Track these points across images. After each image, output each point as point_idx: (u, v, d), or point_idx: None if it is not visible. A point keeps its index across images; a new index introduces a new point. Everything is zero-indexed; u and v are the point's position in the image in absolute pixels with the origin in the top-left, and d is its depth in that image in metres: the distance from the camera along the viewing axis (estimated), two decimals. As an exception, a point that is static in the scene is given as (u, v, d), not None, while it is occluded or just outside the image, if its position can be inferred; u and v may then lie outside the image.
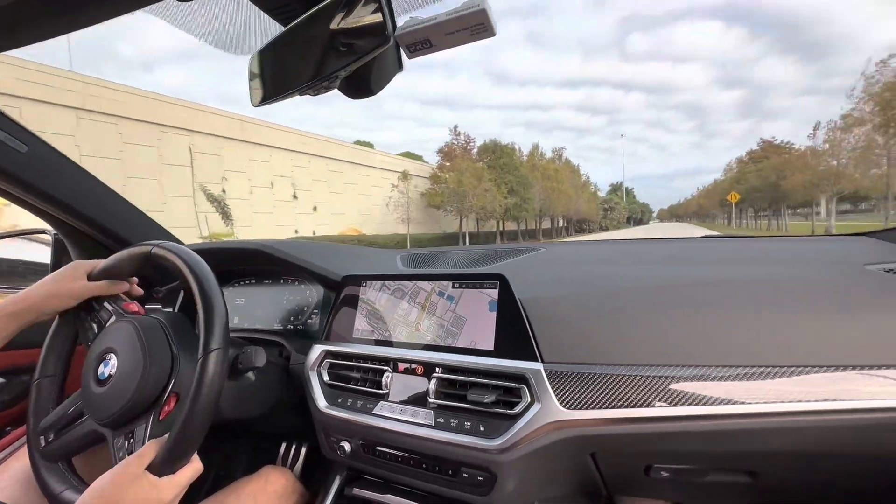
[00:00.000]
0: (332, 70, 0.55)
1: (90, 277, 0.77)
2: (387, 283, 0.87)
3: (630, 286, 0.76)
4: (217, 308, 0.64)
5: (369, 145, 35.34)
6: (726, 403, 0.59)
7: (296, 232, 19.87)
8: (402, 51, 0.56)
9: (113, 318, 0.76)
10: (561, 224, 50.19)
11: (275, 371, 0.93)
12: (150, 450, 0.60)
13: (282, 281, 1.08)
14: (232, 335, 0.80)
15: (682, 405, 0.60)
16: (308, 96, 0.63)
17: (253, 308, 1.10)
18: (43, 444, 0.72)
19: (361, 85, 0.66)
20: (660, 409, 0.61)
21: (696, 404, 0.60)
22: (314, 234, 20.44)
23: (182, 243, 0.88)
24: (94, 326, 0.78)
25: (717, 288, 0.71)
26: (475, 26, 0.52)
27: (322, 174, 22.55)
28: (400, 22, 0.53)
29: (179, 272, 0.70)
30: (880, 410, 0.56)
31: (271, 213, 19.40)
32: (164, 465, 0.59)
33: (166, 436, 0.60)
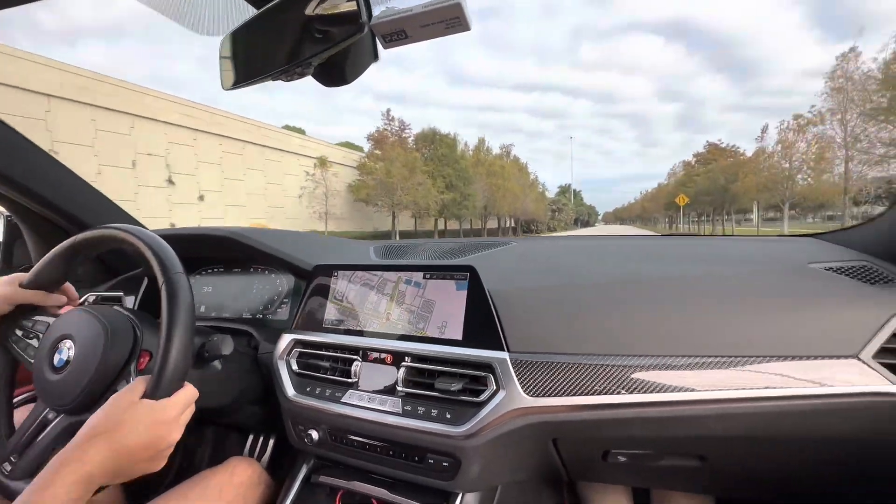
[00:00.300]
0: (306, 56, 0.55)
1: (22, 286, 0.75)
2: (358, 273, 0.87)
3: (593, 281, 0.79)
4: (182, 292, 0.64)
5: (301, 131, 30.93)
6: (678, 391, 0.63)
7: (172, 225, 14.68)
8: (377, 40, 0.56)
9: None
10: (509, 224, 47.38)
11: (242, 360, 0.92)
12: (139, 383, 0.61)
13: (251, 269, 1.07)
14: (198, 324, 0.79)
15: (639, 393, 0.64)
16: (281, 81, 0.62)
17: (220, 296, 1.08)
18: (9, 468, 0.69)
19: (335, 73, 0.66)
20: (618, 397, 0.64)
21: (651, 392, 0.63)
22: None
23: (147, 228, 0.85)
24: (34, 342, 0.75)
25: (673, 284, 0.75)
26: (450, 20, 0.52)
27: (213, 155, 17.78)
28: (376, 11, 0.53)
29: (142, 257, 0.68)
30: (814, 397, 0.60)
31: (132, 202, 14.59)
32: (156, 392, 0.59)
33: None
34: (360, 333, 0.82)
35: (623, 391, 0.64)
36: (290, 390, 0.82)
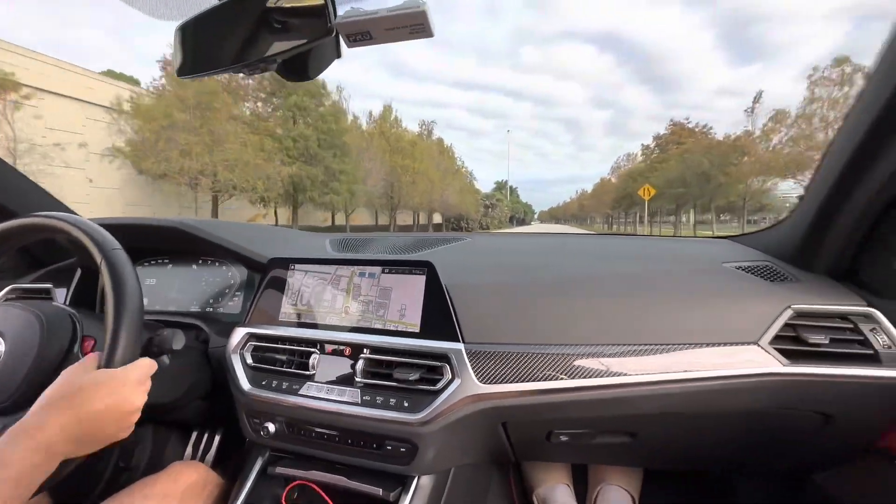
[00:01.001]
0: (271, 54, 0.55)
1: None
2: (315, 266, 0.87)
3: (539, 277, 0.85)
4: (123, 265, 0.64)
5: (135, 82, 18.17)
6: (613, 375, 0.71)
7: None
8: (341, 39, 0.58)
9: None
10: (436, 220, 38.27)
11: (191, 355, 0.89)
12: (89, 359, 0.59)
13: (199, 261, 1.03)
14: (147, 318, 0.77)
15: (578, 378, 0.71)
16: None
17: (166, 289, 1.03)
18: None
19: (299, 68, 0.67)
20: (560, 382, 0.71)
21: (589, 377, 0.70)
22: None
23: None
24: None
25: (608, 280, 0.83)
26: (414, 26, 0.55)
27: None
28: (341, 11, 0.55)
29: (76, 244, 0.66)
30: (724, 378, 0.70)
31: None
32: (111, 362, 0.59)
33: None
34: (318, 326, 0.83)
35: (565, 377, 0.71)
36: (245, 384, 0.81)
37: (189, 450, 1.14)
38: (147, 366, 0.63)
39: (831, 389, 0.70)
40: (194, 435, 1.16)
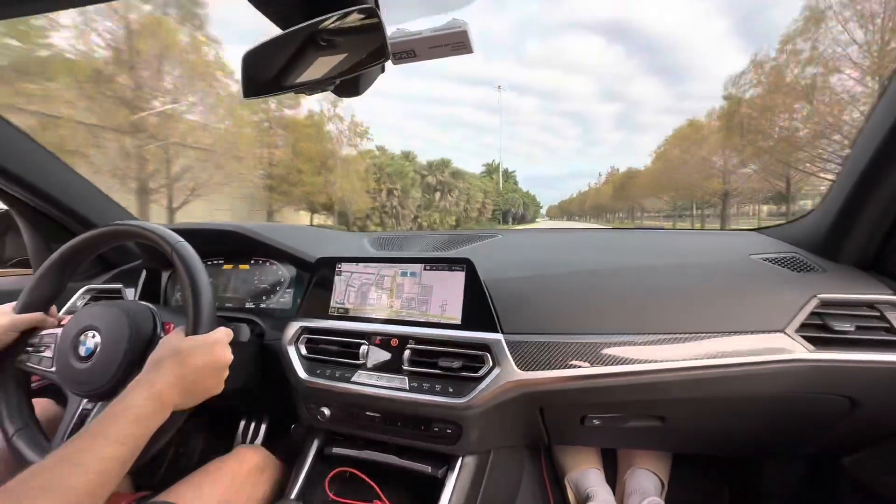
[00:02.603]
0: (332, 76, 0.62)
1: (18, 311, 0.81)
2: (360, 264, 0.95)
3: (572, 270, 0.90)
4: (189, 252, 0.75)
5: None
6: (644, 363, 0.75)
7: None
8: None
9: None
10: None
11: (251, 347, 0.98)
12: (177, 332, 0.71)
13: (252, 262, 1.12)
14: None
15: (611, 365, 0.76)
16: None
17: (223, 287, 1.13)
18: None
19: (351, 87, 0.73)
20: (594, 369, 0.76)
21: (622, 364, 0.75)
22: None
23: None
24: (46, 353, 0.81)
25: (639, 273, 0.88)
26: (456, 44, 0.61)
27: None
28: (389, 31, 0.60)
29: (145, 245, 0.76)
30: (751, 364, 0.74)
31: None
32: (197, 330, 0.71)
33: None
34: (365, 320, 0.90)
35: (598, 364, 0.76)
36: (301, 373, 0.89)
37: (238, 436, 1.24)
38: (226, 332, 0.74)
39: (858, 375, 0.73)
40: (243, 423, 1.26)
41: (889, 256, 0.79)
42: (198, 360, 0.67)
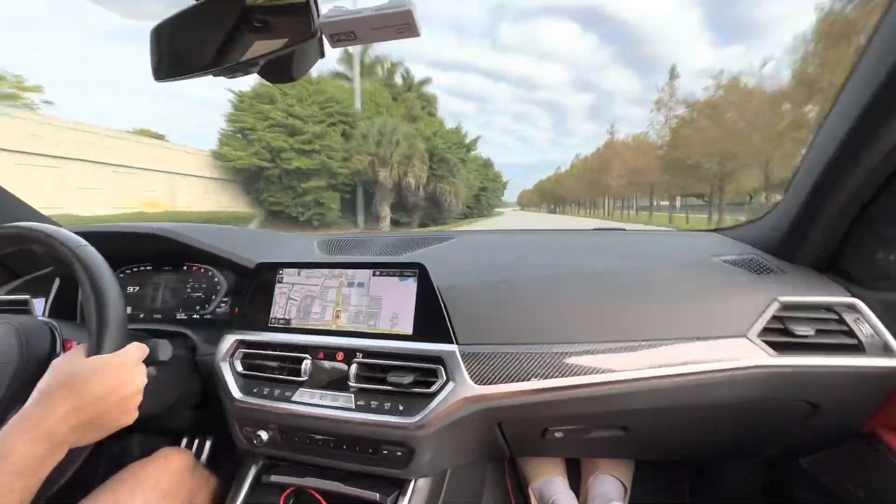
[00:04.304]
0: (251, 56, 0.53)
1: None
2: (304, 270, 0.86)
3: (531, 275, 0.85)
4: (93, 258, 0.64)
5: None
6: (604, 373, 0.71)
7: None
8: (324, 38, 0.56)
9: None
10: None
11: (179, 364, 0.87)
12: (77, 350, 0.59)
13: (184, 267, 1.01)
14: (130, 327, 0.75)
15: (571, 376, 0.71)
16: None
17: (150, 297, 1.01)
18: None
19: (281, 70, 0.64)
20: (554, 381, 0.71)
21: (582, 374, 0.71)
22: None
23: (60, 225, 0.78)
24: None
25: (599, 277, 0.84)
26: (401, 25, 0.53)
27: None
28: (324, 10, 0.53)
29: (51, 253, 0.65)
30: (714, 371, 0.71)
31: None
32: (101, 350, 0.59)
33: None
34: (308, 332, 0.82)
35: (557, 375, 0.71)
36: (236, 392, 0.80)
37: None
38: (139, 350, 0.63)
39: (818, 379, 0.71)
40: (184, 442, 1.15)
41: (845, 258, 0.78)
42: (98, 386, 0.54)
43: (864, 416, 0.76)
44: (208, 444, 1.09)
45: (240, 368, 0.83)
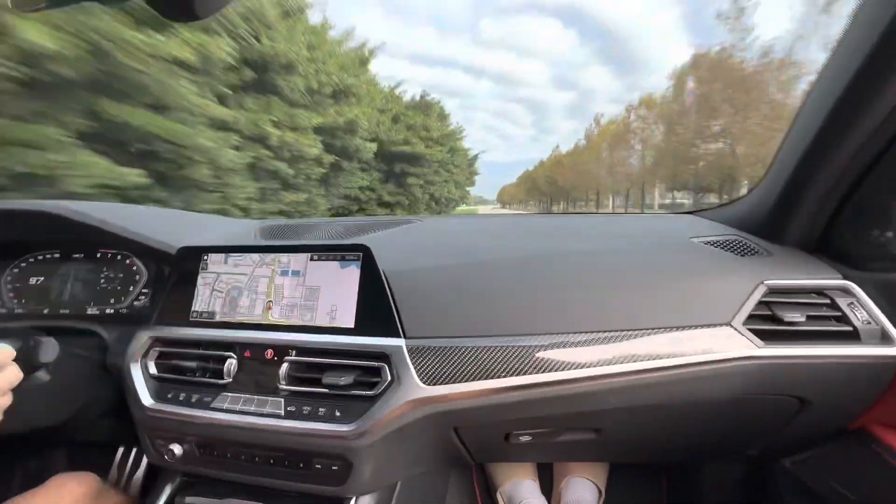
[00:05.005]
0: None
1: None
2: (234, 256, 0.74)
3: (494, 258, 0.75)
4: None
5: None
6: (576, 368, 0.62)
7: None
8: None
9: None
10: None
11: (84, 366, 0.75)
12: None
13: (98, 255, 0.87)
14: (23, 324, 0.63)
15: (539, 372, 0.61)
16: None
17: (57, 290, 0.87)
18: None
19: (181, 5, 0.52)
20: (519, 378, 0.61)
21: (551, 370, 0.62)
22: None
23: None
24: None
25: (569, 258, 0.74)
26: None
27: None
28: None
29: None
30: (696, 364, 0.63)
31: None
32: None
33: None
34: (235, 326, 0.70)
35: (523, 372, 0.62)
36: (146, 398, 0.68)
37: (114, 471, 1.00)
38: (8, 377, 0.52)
39: (809, 371, 0.64)
40: (119, 452, 1.01)
41: (837, 236, 0.71)
42: None
43: (856, 412, 0.69)
44: (132, 457, 0.96)
45: (153, 370, 0.71)
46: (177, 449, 0.67)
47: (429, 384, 0.61)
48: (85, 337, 0.80)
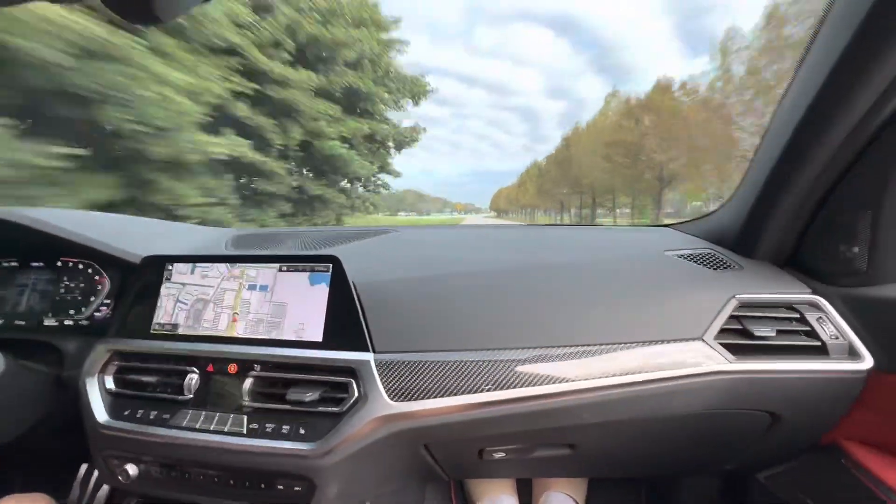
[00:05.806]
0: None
1: None
2: (199, 266, 0.72)
3: (464, 271, 0.74)
4: None
5: None
6: (549, 383, 0.61)
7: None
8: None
9: None
10: None
11: (37, 381, 0.71)
12: None
13: (58, 263, 0.84)
14: None
15: (511, 388, 0.60)
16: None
17: (11, 300, 0.83)
18: None
19: (138, 6, 0.51)
20: (490, 394, 0.60)
21: (524, 385, 0.60)
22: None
23: None
24: None
25: (544, 271, 0.74)
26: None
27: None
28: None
29: None
30: (670, 379, 0.62)
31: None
32: None
33: None
34: (198, 339, 0.67)
35: (496, 388, 0.60)
36: (100, 415, 0.65)
37: (75, 490, 0.95)
38: None
39: (779, 386, 0.64)
40: (82, 471, 0.97)
41: (806, 251, 0.71)
42: None
43: (827, 427, 0.69)
44: (94, 476, 0.91)
45: (111, 385, 0.68)
46: (132, 469, 0.63)
47: (397, 400, 0.59)
48: (40, 350, 0.76)
